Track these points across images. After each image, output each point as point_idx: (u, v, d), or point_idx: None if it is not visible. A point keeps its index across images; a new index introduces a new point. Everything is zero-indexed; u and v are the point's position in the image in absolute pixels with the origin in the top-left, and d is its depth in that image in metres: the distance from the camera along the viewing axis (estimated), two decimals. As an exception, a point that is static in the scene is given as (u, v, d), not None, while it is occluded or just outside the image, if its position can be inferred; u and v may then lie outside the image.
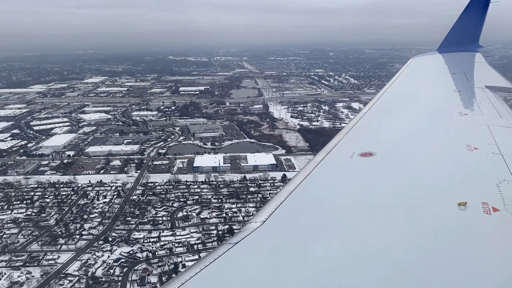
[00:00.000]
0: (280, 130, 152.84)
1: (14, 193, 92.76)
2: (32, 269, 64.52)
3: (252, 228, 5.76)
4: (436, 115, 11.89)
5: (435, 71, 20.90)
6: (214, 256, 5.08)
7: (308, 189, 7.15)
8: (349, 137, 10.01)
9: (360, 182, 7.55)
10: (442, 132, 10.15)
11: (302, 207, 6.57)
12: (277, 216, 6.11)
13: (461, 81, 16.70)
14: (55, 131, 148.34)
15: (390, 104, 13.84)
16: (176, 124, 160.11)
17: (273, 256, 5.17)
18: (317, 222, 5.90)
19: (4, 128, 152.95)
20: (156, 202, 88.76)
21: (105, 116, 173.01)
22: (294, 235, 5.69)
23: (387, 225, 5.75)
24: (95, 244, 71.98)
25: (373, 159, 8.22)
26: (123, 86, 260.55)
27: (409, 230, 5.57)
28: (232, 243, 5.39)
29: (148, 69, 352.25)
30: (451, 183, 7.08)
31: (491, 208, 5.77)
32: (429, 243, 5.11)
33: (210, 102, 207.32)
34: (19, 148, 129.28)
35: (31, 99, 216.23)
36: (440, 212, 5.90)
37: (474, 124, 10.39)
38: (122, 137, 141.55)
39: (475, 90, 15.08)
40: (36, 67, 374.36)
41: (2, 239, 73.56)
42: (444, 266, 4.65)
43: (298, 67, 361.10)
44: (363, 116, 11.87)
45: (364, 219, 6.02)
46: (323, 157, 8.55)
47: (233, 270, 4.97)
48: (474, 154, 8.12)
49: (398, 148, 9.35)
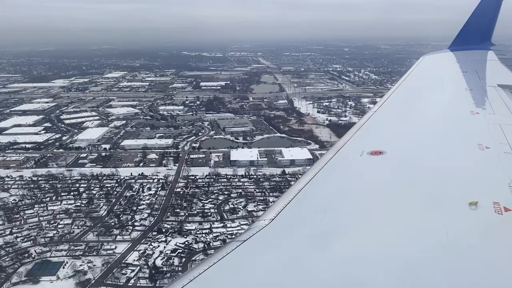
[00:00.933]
0: (309, 125, 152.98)
1: (60, 185, 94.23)
2: (92, 259, 65.74)
3: (260, 226, 5.72)
4: (447, 114, 11.75)
5: (447, 70, 20.65)
6: (223, 253, 5.04)
7: (317, 188, 7.07)
8: (359, 135, 9.90)
9: (369, 181, 7.45)
10: (453, 131, 10.02)
11: (311, 206, 6.50)
12: (286, 215, 6.06)
13: (473, 79, 16.52)
14: (86, 124, 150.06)
15: (400, 102, 13.77)
16: (204, 118, 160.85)
17: (281, 254, 5.15)
18: (326, 221, 5.85)
19: (35, 122, 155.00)
20: (201, 194, 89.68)
21: (132, 110, 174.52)
22: (302, 234, 5.63)
23: (397, 225, 5.69)
24: (149, 235, 73.07)
25: (383, 158, 8.11)
26: (144, 81, 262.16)
27: (420, 229, 5.50)
28: (241, 240, 5.35)
29: (165, 64, 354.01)
30: (462, 182, 6.98)
31: (503, 208, 5.67)
32: (439, 242, 5.02)
33: (234, 97, 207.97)
34: (53, 141, 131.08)
35: (56, 93, 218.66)
36: (451, 211, 5.83)
37: (486, 123, 10.16)
38: (154, 131, 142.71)
39: (487, 88, 14.84)
40: (53, 62, 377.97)
41: (57, 229, 74.92)
42: (455, 266, 4.62)
43: (315, 63, 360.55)
44: (373, 114, 11.74)
45: (374, 218, 5.95)
46: (332, 156, 8.47)
47: (242, 267, 4.96)
48: (485, 153, 7.99)
49: (408, 146, 9.25)
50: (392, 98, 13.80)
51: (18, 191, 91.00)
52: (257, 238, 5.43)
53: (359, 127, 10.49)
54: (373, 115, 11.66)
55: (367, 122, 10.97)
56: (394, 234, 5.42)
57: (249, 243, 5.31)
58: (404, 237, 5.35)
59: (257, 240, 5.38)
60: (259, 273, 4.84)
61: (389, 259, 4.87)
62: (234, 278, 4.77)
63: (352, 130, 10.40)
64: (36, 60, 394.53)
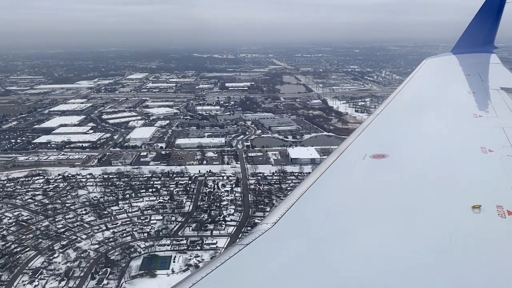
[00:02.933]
0: (352, 124, 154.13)
1: (133, 182, 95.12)
2: (198, 253, 66.66)
3: (263, 230, 5.72)
4: (450, 117, 11.64)
5: (449, 73, 20.60)
6: (225, 257, 5.05)
7: (320, 191, 7.07)
8: (361, 138, 9.88)
9: (372, 184, 7.45)
10: (456, 134, 9.96)
11: (314, 209, 6.50)
12: (288, 218, 6.06)
13: (475, 82, 16.46)
14: (131, 124, 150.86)
15: (403, 106, 13.76)
16: (244, 118, 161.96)
17: (284, 258, 5.12)
18: (328, 224, 5.83)
19: (79, 122, 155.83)
20: (276, 191, 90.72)
21: (171, 110, 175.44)
22: (305, 237, 5.63)
23: (399, 228, 5.67)
24: (243, 230, 74.04)
25: (386, 161, 8.12)
26: (169, 82, 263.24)
27: (423, 233, 5.49)
28: (243, 244, 5.35)
29: (181, 66, 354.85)
30: (465, 185, 6.96)
31: (506, 212, 5.66)
32: (442, 246, 5.01)
33: (265, 97, 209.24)
34: (105, 140, 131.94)
35: (86, 94, 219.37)
36: (454, 215, 5.80)
37: (489, 126, 10.12)
38: (201, 130, 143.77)
39: (490, 91, 14.87)
40: (69, 64, 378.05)
41: (150, 224, 75.83)
42: (458, 269, 4.60)
43: (330, 64, 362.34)
44: (376, 118, 11.67)
45: (376, 222, 5.94)
46: (335, 159, 8.45)
47: (244, 271, 4.97)
48: (488, 157, 7.98)
49: (411, 150, 9.25)
50: (394, 101, 13.84)
51: (94, 188, 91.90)
52: (259, 242, 5.41)
53: (361, 130, 10.45)
54: (376, 118, 11.64)
55: (369, 126, 10.94)
56: (397, 237, 5.38)
57: (252, 246, 5.30)
58: (407, 240, 5.32)
59: (259, 244, 5.37)
60: (261, 276, 4.80)
61: (392, 262, 4.84)
62: (237, 281, 4.77)
63: (354, 133, 10.45)
64: (51, 62, 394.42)
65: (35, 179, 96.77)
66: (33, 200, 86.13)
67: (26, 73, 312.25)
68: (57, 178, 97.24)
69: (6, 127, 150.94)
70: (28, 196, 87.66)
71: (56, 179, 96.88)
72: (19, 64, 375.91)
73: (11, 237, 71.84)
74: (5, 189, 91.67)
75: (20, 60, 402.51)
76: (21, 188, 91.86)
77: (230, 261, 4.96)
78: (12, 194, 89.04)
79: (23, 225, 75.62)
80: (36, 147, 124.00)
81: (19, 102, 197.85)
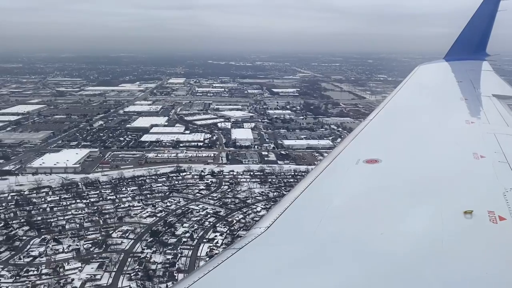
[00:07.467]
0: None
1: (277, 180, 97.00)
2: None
3: (256, 234, 5.72)
4: (443, 123, 11.84)
5: (442, 79, 20.78)
6: (218, 261, 5.04)
7: (313, 195, 7.08)
8: (354, 143, 9.99)
9: (365, 189, 7.51)
10: (449, 140, 10.09)
11: (307, 213, 6.50)
12: (282, 222, 6.07)
13: (467, 89, 16.68)
14: (221, 126, 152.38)
15: (396, 111, 13.91)
16: (325, 122, 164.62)
17: (277, 262, 5.15)
18: (321, 229, 5.84)
19: (167, 122, 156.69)
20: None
21: (247, 114, 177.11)
22: (298, 241, 5.68)
23: (392, 233, 5.71)
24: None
25: (379, 166, 8.19)
26: (214, 87, 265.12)
27: (415, 238, 5.53)
28: (236, 248, 5.34)
29: (208, 72, 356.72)
30: (457, 191, 7.05)
31: (497, 217, 5.70)
32: (434, 251, 5.05)
33: (324, 103, 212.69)
34: (208, 140, 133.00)
35: (145, 97, 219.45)
36: (446, 220, 5.82)
37: (480, 132, 10.32)
38: (293, 133, 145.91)
39: (482, 98, 15.05)
40: (91, 68, 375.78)
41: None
42: (450, 274, 4.61)
43: (357, 73, 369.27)
44: (369, 123, 11.77)
45: (369, 226, 5.98)
46: (328, 163, 8.48)
47: (237, 275, 4.95)
48: (480, 162, 8.06)
49: (404, 155, 9.34)
50: (388, 107, 13.90)
51: (248, 184, 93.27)
52: (252, 246, 5.41)
53: (355, 136, 10.56)
54: (369, 124, 11.72)
55: (363, 131, 11.01)
56: (390, 242, 5.41)
57: (244, 251, 5.30)
58: (399, 245, 5.33)
59: (252, 248, 5.37)
60: (254, 281, 4.83)
61: (384, 267, 4.86)
62: (229, 286, 4.77)
63: (348, 138, 10.62)
64: (73, 65, 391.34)
65: (183, 174, 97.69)
66: (201, 194, 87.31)
67: (61, 75, 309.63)
68: (205, 174, 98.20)
69: (97, 126, 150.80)
70: (194, 190, 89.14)
71: (203, 175, 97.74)
72: (49, 66, 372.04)
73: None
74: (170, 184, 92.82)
75: (42, 63, 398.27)
76: (179, 183, 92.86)
77: (223, 265, 4.96)
78: (178, 188, 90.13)
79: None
80: (149, 145, 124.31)
81: (82, 103, 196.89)
